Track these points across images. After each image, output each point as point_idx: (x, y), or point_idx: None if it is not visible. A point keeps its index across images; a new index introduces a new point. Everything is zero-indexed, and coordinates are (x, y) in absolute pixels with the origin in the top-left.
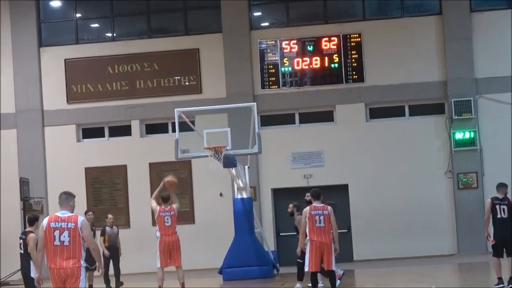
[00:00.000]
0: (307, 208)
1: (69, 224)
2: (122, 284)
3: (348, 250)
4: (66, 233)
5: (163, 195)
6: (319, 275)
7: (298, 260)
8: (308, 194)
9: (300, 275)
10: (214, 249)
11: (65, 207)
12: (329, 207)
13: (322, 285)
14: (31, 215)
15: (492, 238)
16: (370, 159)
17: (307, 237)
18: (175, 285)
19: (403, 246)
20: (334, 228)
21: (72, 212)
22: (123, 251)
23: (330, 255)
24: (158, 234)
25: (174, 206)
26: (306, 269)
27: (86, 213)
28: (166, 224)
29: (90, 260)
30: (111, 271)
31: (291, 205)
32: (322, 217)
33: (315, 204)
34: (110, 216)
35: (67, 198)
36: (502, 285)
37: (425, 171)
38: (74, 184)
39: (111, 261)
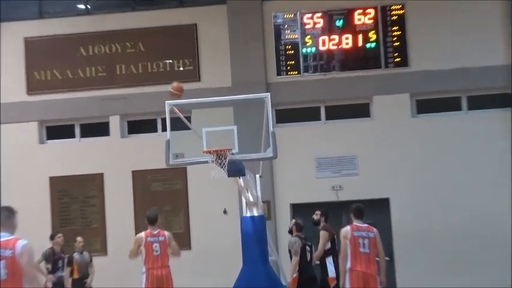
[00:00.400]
0: (348, 228)
1: (6, 251)
2: None
3: (391, 281)
4: (2, 263)
5: (150, 214)
6: None
7: None
8: (317, 212)
9: None
10: (216, 282)
11: (5, 229)
12: (375, 229)
13: None
14: None
15: None
16: (417, 165)
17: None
18: None
19: (459, 276)
20: (381, 256)
21: (13, 234)
22: (97, 285)
23: None
24: (144, 269)
25: (166, 233)
26: None
27: (52, 237)
28: (155, 253)
29: None
30: None
31: (318, 212)
32: (367, 240)
33: (356, 223)
34: (79, 239)
35: (8, 217)
36: None
37: (485, 178)
38: (35, 197)
39: None
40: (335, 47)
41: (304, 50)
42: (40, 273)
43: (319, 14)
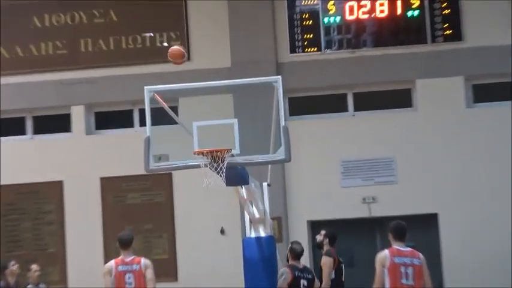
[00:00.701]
0: (386, 252)
1: None
2: None
3: None
4: None
5: (123, 235)
6: None
7: None
8: (322, 232)
9: None
10: None
11: None
12: (421, 255)
13: None
14: None
15: None
16: (474, 170)
17: None
18: None
19: None
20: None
21: None
22: None
23: None
24: None
25: (143, 260)
26: None
27: (5, 266)
28: (127, 286)
29: None
30: None
31: (322, 232)
32: (410, 269)
33: (397, 246)
34: (34, 267)
35: None
36: None
37: None
38: None
39: None
40: (366, 16)
41: (326, 20)
42: None
43: None
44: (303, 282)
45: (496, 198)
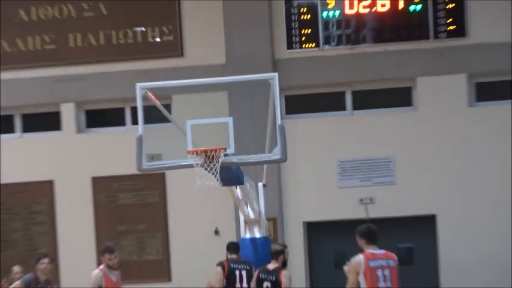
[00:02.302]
0: (360, 257)
1: None
2: None
3: None
4: None
5: (107, 245)
6: None
7: None
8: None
9: None
10: None
11: None
12: (395, 256)
13: None
14: None
15: None
16: (475, 171)
17: None
18: None
19: None
20: None
21: None
22: None
23: None
24: None
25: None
26: None
27: (36, 261)
28: None
29: None
30: None
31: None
32: (387, 271)
33: (371, 250)
34: (16, 269)
35: None
36: None
37: None
38: None
39: None
40: (367, 10)
41: (324, 15)
42: None
43: None
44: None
45: (497, 198)
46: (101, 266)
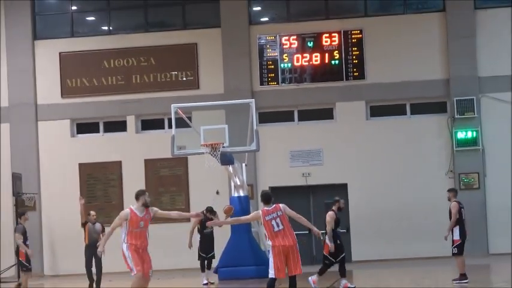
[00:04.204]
0: (259, 212)
1: None
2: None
3: (347, 251)
4: None
5: (139, 190)
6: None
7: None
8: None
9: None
10: None
11: None
12: (280, 205)
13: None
14: None
15: (459, 238)
16: (370, 158)
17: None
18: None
19: (403, 247)
20: (297, 216)
21: None
22: (113, 249)
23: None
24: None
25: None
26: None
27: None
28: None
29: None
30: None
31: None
32: (278, 219)
33: (266, 207)
34: (92, 212)
35: None
36: (467, 281)
37: (426, 172)
38: (68, 180)
39: (93, 258)
40: (307, 63)
41: (282, 65)
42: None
43: (294, 37)
44: None
45: (384, 173)
46: (131, 206)
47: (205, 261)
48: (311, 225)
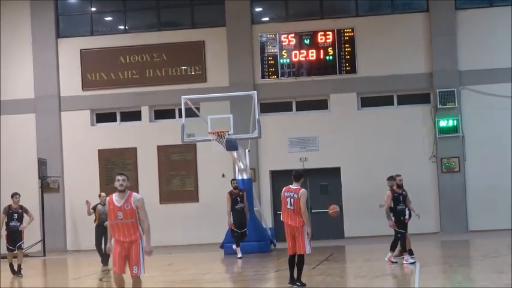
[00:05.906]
0: (284, 190)
1: None
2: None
3: (340, 228)
4: None
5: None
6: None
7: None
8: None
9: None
10: (216, 225)
11: None
12: (301, 191)
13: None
14: None
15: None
16: (361, 144)
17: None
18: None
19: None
20: (302, 212)
21: None
22: None
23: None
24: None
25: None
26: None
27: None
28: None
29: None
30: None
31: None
32: (292, 200)
33: (290, 186)
34: (102, 194)
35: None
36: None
37: (412, 156)
38: (88, 165)
39: (103, 238)
40: (303, 59)
41: (281, 61)
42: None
43: (293, 35)
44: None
45: (373, 158)
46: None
47: (240, 236)
48: (308, 224)
